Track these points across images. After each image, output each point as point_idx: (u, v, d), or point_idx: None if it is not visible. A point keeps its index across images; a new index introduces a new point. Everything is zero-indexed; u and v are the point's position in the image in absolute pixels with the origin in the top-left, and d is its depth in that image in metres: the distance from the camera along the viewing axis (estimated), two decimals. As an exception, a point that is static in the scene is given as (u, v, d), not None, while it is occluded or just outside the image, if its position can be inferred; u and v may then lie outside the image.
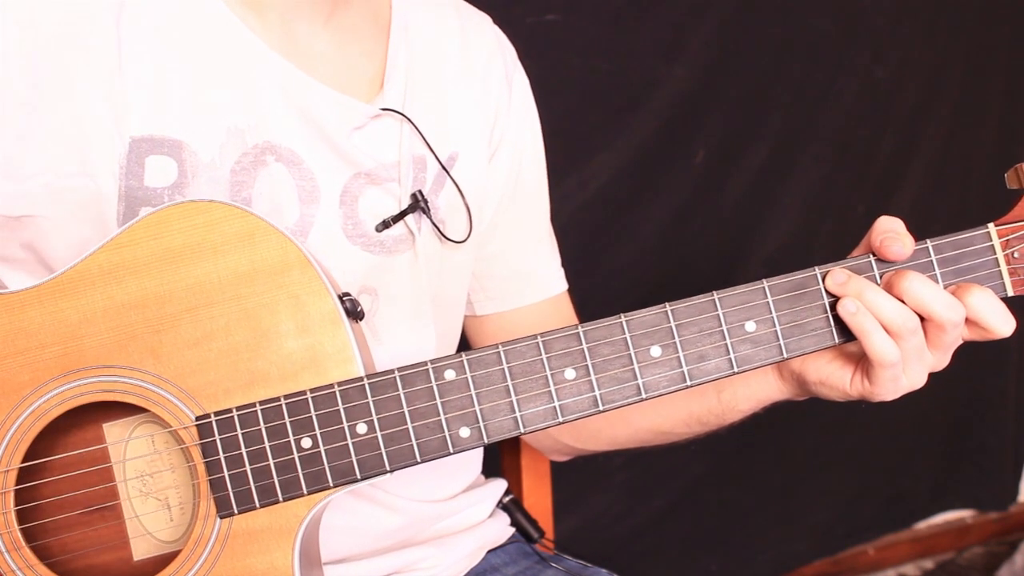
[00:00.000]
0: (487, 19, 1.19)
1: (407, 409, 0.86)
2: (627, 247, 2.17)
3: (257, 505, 0.85)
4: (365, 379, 0.86)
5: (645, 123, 2.14)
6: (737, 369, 0.89)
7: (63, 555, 0.88)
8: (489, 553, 1.19)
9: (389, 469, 0.86)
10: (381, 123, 1.03)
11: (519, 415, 0.87)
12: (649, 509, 2.31)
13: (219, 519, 0.85)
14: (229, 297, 0.86)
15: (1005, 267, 0.91)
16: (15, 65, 0.90)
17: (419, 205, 1.04)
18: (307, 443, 0.85)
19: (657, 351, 0.88)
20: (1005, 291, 0.92)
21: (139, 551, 0.90)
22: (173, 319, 0.86)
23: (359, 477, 0.86)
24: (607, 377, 0.87)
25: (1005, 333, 0.91)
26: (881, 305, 0.89)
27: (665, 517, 2.33)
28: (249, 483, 0.85)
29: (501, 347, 0.87)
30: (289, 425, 0.85)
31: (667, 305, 0.88)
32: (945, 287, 0.91)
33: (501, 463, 1.38)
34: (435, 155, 1.07)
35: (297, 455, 0.85)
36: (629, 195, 2.15)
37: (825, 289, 0.90)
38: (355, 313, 0.88)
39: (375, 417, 0.86)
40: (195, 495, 0.86)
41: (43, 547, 0.88)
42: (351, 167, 1.01)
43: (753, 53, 2.22)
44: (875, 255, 0.91)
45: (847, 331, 0.90)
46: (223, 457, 0.85)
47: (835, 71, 2.33)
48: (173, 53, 0.95)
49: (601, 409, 0.87)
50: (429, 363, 0.86)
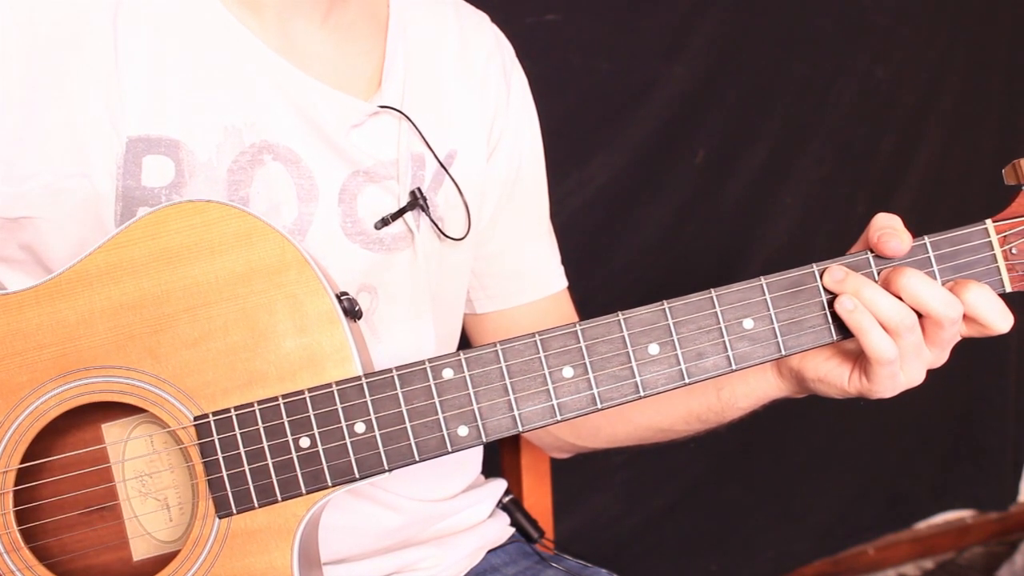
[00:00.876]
0: (485, 18, 1.19)
1: (405, 408, 0.86)
2: (627, 247, 2.17)
3: (256, 505, 0.85)
4: (363, 378, 0.86)
5: (645, 123, 2.14)
6: (735, 367, 0.89)
7: (62, 556, 0.88)
8: (489, 553, 1.19)
9: (388, 468, 0.86)
10: (379, 121, 1.03)
11: (517, 413, 0.87)
12: (649, 509, 2.31)
13: (218, 519, 0.85)
14: (227, 297, 0.86)
15: (1003, 263, 0.91)
16: (11, 66, 0.90)
17: (418, 203, 1.04)
18: (305, 443, 0.85)
19: (655, 349, 0.88)
20: (1003, 287, 0.92)
21: (138, 551, 0.90)
22: (171, 319, 0.85)
23: (358, 476, 0.86)
24: (605, 375, 0.87)
25: (1003, 329, 0.91)
26: (879, 302, 0.88)
27: (665, 517, 2.32)
28: (248, 483, 0.85)
29: (499, 346, 0.87)
30: (287, 425, 0.85)
31: (665, 303, 0.88)
32: (943, 283, 0.90)
33: (501, 463, 1.38)
34: (433, 153, 1.06)
35: (295, 455, 0.85)
36: (629, 195, 2.15)
37: (823, 286, 0.90)
38: (353, 312, 0.88)
39: (373, 416, 0.86)
40: (194, 495, 0.86)
41: (42, 548, 0.88)
42: (349, 165, 1.01)
43: (753, 53, 2.22)
44: (873, 251, 0.91)
45: (845, 328, 0.90)
46: (221, 457, 0.85)
47: (835, 71, 2.33)
48: (170, 53, 0.95)
49: (599, 407, 0.87)
50: (427, 362, 0.86)
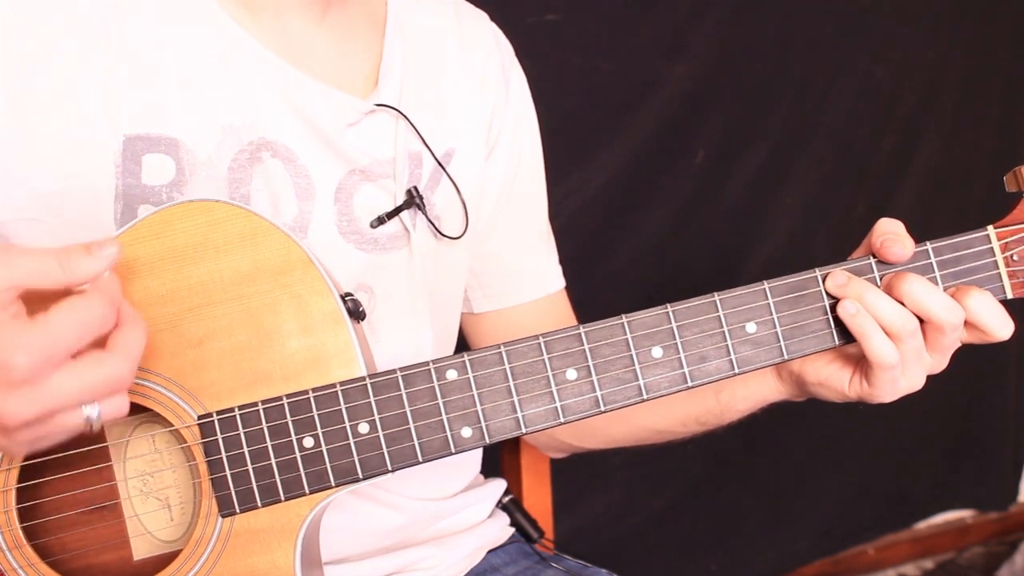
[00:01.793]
0: (484, 16, 1.19)
1: (409, 409, 0.86)
2: (627, 247, 2.17)
3: (259, 504, 0.85)
4: (367, 379, 0.86)
5: (645, 123, 2.14)
6: (738, 370, 0.89)
7: (63, 554, 0.88)
8: (489, 553, 1.19)
9: (391, 469, 0.86)
10: (376, 119, 1.03)
11: (521, 415, 0.87)
12: (649, 509, 2.31)
13: (220, 518, 0.85)
14: (232, 297, 0.86)
15: (1004, 270, 0.92)
16: (5, 68, 0.89)
17: (414, 201, 1.04)
18: (309, 442, 0.85)
19: (658, 352, 0.88)
20: (1004, 294, 0.92)
21: (139, 550, 0.90)
22: (175, 319, 0.85)
23: (361, 477, 0.86)
24: (608, 378, 0.87)
25: (1003, 336, 0.92)
26: (881, 307, 0.89)
27: (665, 517, 2.33)
28: (251, 482, 0.85)
29: (503, 347, 0.87)
30: (291, 424, 0.85)
31: (668, 306, 0.88)
32: (945, 289, 0.91)
33: (501, 463, 1.38)
34: (431, 151, 1.06)
35: (299, 454, 0.85)
36: (629, 195, 2.15)
37: (825, 291, 0.90)
38: (357, 313, 0.88)
39: (377, 417, 0.86)
40: (196, 494, 0.86)
41: (44, 545, 0.88)
42: (346, 164, 1.01)
43: (753, 53, 2.22)
44: (875, 256, 0.91)
45: (847, 333, 0.90)
46: (225, 456, 0.85)
47: (835, 71, 2.33)
48: (167, 52, 0.94)
49: (603, 410, 0.88)
50: (431, 363, 0.86)
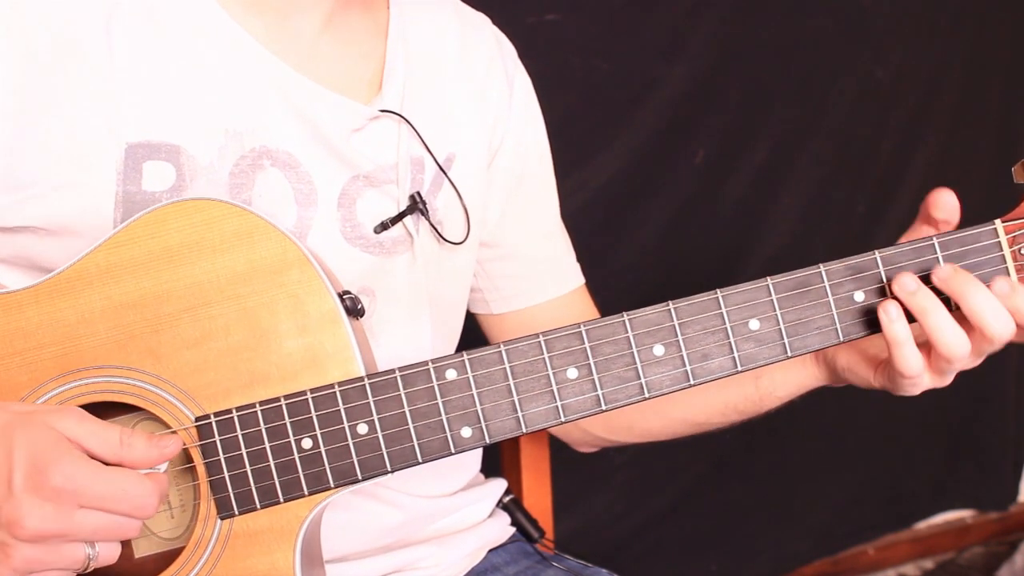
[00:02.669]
0: (486, 20, 1.19)
1: (408, 409, 0.85)
2: (627, 247, 2.16)
3: (258, 506, 0.85)
4: (366, 379, 0.85)
5: (645, 123, 2.14)
6: (741, 368, 0.88)
7: (62, 556, 0.88)
8: (490, 552, 1.19)
9: (391, 470, 0.85)
10: (379, 125, 1.03)
11: (521, 415, 0.86)
12: (649, 509, 2.30)
13: (219, 520, 0.85)
14: (228, 296, 0.85)
15: (1012, 264, 0.91)
16: (4, 75, 0.89)
17: (417, 207, 1.04)
18: (307, 444, 0.85)
19: (660, 350, 0.87)
20: (1011, 288, 0.91)
21: (139, 548, 0.90)
22: (172, 319, 0.85)
23: (360, 477, 0.85)
24: (610, 376, 0.87)
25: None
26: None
27: (665, 517, 2.32)
28: (250, 484, 0.84)
29: (503, 346, 0.86)
30: (289, 426, 0.85)
31: (670, 303, 0.88)
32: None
33: (501, 462, 1.38)
34: (432, 156, 1.06)
35: (298, 456, 0.85)
36: (629, 195, 2.15)
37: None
38: (355, 311, 0.87)
39: (376, 417, 0.85)
40: (195, 495, 0.86)
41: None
42: (349, 169, 1.01)
43: (753, 53, 2.22)
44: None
45: (852, 329, 0.89)
46: (223, 458, 0.84)
47: (835, 71, 2.32)
48: (168, 58, 0.94)
49: (604, 409, 0.87)
50: (430, 363, 0.86)
